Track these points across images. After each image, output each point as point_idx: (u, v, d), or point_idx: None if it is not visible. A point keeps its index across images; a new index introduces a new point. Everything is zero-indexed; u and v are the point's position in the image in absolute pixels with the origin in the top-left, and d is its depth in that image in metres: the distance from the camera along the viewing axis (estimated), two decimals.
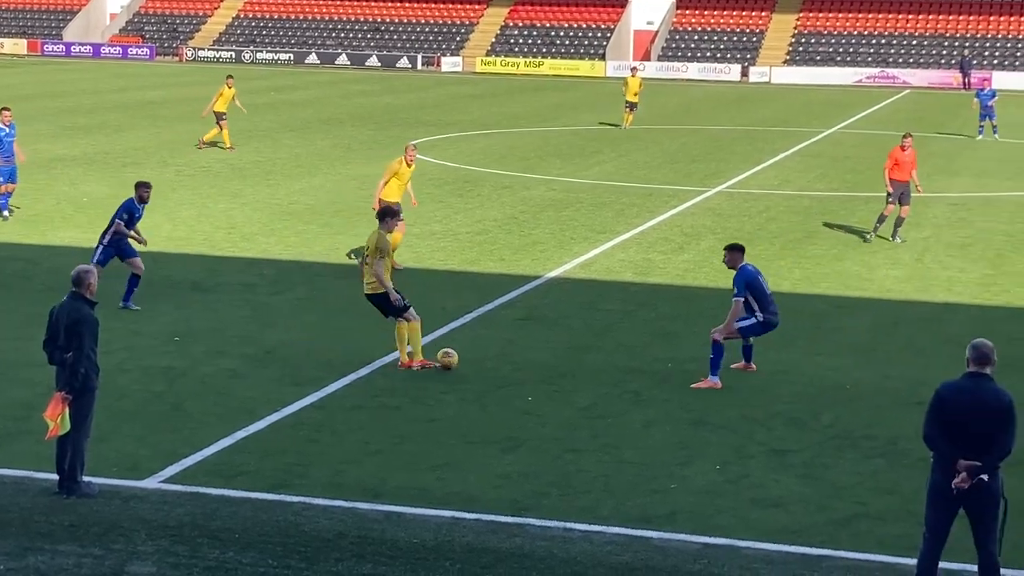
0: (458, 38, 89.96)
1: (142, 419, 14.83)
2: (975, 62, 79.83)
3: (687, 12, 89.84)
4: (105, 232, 20.14)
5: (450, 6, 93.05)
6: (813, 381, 17.11)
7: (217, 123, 39.34)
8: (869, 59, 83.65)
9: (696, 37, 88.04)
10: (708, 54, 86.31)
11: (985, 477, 10.05)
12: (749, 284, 16.73)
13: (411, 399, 15.91)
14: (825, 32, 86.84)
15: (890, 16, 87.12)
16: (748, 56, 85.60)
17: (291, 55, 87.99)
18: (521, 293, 21.85)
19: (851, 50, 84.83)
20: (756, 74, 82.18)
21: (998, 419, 10.09)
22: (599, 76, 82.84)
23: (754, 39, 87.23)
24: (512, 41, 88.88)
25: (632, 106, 49.42)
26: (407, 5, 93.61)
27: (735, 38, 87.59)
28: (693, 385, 16.59)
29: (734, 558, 11.46)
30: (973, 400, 10.15)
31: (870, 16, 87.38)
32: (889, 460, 14.15)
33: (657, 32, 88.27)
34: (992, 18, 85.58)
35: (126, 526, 11.67)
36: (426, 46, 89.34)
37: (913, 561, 10.71)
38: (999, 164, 39.48)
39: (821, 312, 20.99)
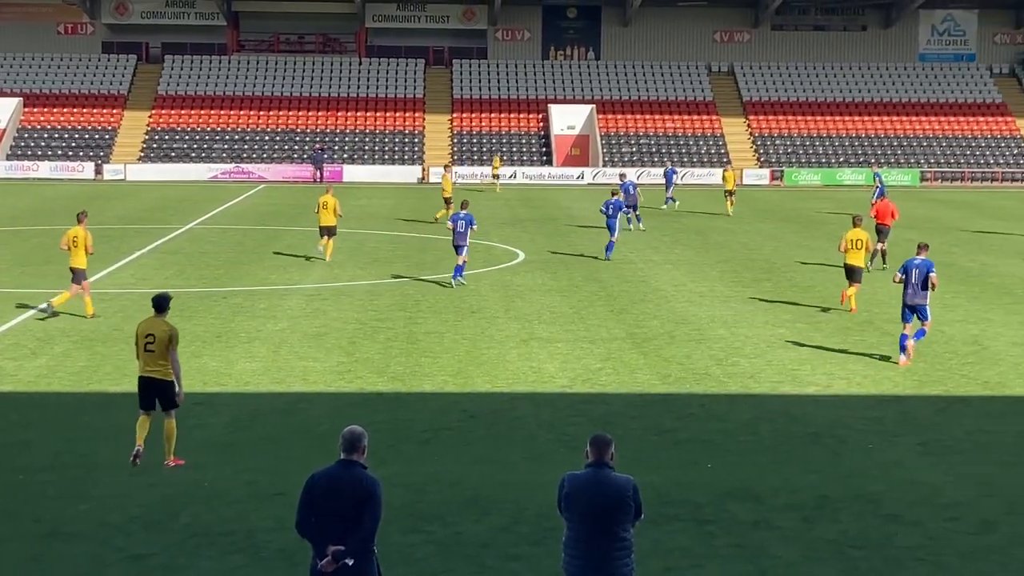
0: None
1: None
2: (327, 156, 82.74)
3: (35, 111, 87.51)
4: None
5: None
6: (171, 482, 16.92)
7: None
8: (224, 155, 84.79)
9: (46, 135, 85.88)
10: (60, 152, 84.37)
11: (350, 561, 10.32)
12: None
13: None
14: (179, 129, 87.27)
15: (242, 112, 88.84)
16: (102, 154, 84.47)
17: None
18: None
19: (205, 146, 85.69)
20: (111, 172, 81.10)
21: (360, 503, 10.42)
22: None
23: (107, 136, 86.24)
24: None
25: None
26: None
27: (87, 135, 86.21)
28: None
29: None
30: (339, 486, 10.47)
31: (223, 113, 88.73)
32: (247, 555, 14.22)
33: (4, 131, 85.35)
34: (340, 114, 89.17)
35: None
36: None
37: None
38: (349, 255, 40.91)
39: (181, 411, 20.76)
